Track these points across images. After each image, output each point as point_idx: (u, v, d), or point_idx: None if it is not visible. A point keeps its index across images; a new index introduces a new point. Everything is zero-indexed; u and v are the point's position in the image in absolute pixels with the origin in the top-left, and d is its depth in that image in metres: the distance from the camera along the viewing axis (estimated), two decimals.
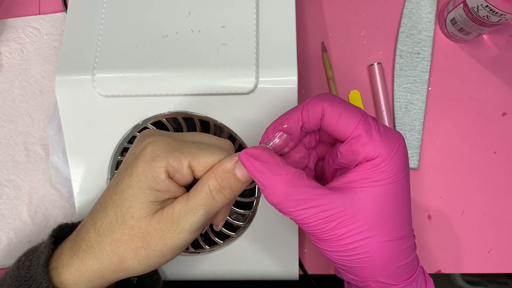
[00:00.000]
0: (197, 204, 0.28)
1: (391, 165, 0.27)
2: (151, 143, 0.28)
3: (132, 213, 0.28)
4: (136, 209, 0.28)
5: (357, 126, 0.27)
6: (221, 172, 0.28)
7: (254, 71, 0.36)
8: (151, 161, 0.28)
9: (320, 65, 0.48)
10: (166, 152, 0.28)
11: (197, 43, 0.38)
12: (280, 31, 0.38)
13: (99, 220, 0.29)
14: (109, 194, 0.30)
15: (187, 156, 0.28)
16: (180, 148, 0.28)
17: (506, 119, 0.47)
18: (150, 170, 0.28)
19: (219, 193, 0.28)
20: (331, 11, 0.49)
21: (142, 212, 0.28)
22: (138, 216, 0.28)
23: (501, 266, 0.45)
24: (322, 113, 0.28)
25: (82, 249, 0.30)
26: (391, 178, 0.27)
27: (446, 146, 0.47)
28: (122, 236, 0.29)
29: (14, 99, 0.48)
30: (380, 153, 0.27)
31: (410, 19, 0.48)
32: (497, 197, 0.46)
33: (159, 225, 0.28)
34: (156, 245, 0.28)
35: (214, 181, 0.28)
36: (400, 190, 0.28)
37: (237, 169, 0.28)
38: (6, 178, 0.47)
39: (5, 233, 0.46)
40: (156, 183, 0.28)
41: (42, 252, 0.31)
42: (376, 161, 0.27)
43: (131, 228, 0.28)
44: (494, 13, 0.41)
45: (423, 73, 0.48)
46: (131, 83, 0.37)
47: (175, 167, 0.28)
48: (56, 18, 0.50)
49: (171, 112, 0.38)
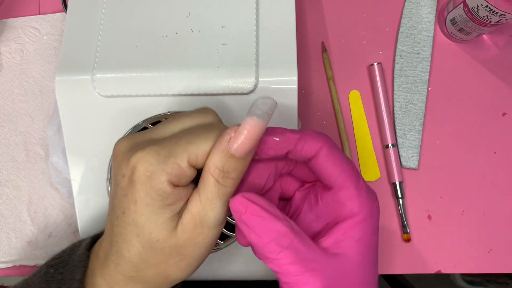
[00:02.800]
0: (211, 199, 0.26)
1: (370, 225, 0.27)
2: (139, 162, 0.26)
3: (156, 238, 0.26)
4: (158, 233, 0.26)
5: (349, 178, 0.27)
6: (218, 158, 0.26)
7: (254, 71, 0.36)
8: (150, 180, 0.25)
9: (320, 65, 0.48)
10: (160, 164, 0.26)
11: (197, 43, 0.38)
12: (280, 31, 0.38)
13: (126, 251, 0.27)
14: (122, 227, 0.27)
15: (183, 157, 0.26)
16: (171, 152, 0.26)
17: (506, 119, 0.47)
18: (153, 191, 0.26)
19: (225, 179, 0.26)
20: (331, 11, 0.49)
21: (165, 233, 0.26)
22: (163, 238, 0.26)
23: (501, 266, 0.45)
24: (317, 152, 0.27)
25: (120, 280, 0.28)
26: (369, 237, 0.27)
27: (446, 146, 0.47)
28: (158, 259, 0.27)
29: (14, 99, 0.48)
30: (362, 211, 0.27)
31: (410, 19, 0.48)
32: (497, 197, 0.46)
33: (186, 235, 0.27)
34: (193, 252, 0.27)
35: (215, 169, 0.26)
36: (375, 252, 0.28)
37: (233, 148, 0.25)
38: (6, 178, 0.47)
39: (4, 233, 0.46)
40: (165, 199, 0.26)
41: (76, 266, 0.30)
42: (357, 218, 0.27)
43: (162, 250, 0.27)
44: (494, 13, 0.41)
45: (423, 73, 0.48)
46: (131, 83, 0.37)
47: (177, 174, 0.26)
48: (56, 18, 0.50)
49: (171, 112, 0.38)
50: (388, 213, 0.46)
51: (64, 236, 0.46)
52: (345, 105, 0.48)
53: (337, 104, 0.47)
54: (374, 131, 0.47)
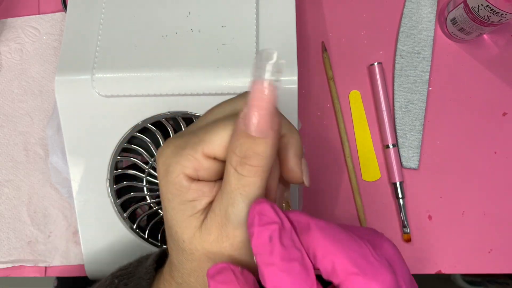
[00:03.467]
0: (230, 193, 0.22)
1: None
2: (159, 156, 0.24)
3: (182, 238, 0.24)
4: (181, 232, 0.24)
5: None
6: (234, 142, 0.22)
7: None
8: (166, 174, 0.24)
9: (320, 65, 0.48)
10: (175, 156, 0.23)
11: (197, 43, 0.38)
12: (280, 31, 0.38)
13: (170, 255, 0.27)
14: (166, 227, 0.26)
15: (197, 148, 0.23)
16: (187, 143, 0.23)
17: (506, 119, 0.47)
18: (170, 185, 0.23)
19: (244, 166, 0.22)
20: (331, 11, 0.49)
21: (189, 232, 0.24)
22: (187, 238, 0.24)
23: (501, 266, 0.45)
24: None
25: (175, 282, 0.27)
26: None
27: (446, 146, 0.47)
28: (191, 264, 0.25)
29: (13, 99, 0.48)
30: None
31: (410, 19, 0.48)
32: (498, 197, 0.46)
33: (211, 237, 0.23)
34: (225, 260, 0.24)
35: (233, 155, 0.22)
36: None
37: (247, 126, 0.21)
38: (6, 178, 0.47)
39: (4, 233, 0.46)
40: (184, 194, 0.23)
41: (141, 278, 0.29)
42: None
43: (191, 253, 0.24)
44: (495, 13, 0.41)
45: (424, 73, 0.47)
46: (131, 83, 0.37)
47: (192, 166, 0.23)
48: (55, 18, 0.50)
49: (170, 112, 0.38)
50: (388, 213, 0.46)
51: (64, 236, 0.46)
52: (345, 105, 0.47)
53: (337, 104, 0.47)
54: (374, 131, 0.47)
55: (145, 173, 0.39)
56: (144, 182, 0.40)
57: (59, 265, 0.46)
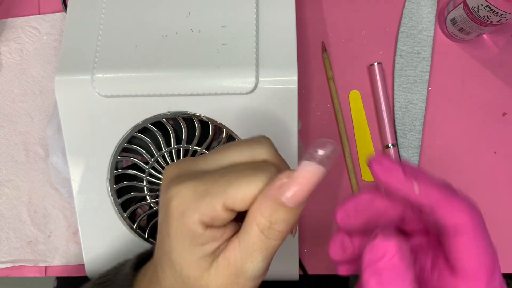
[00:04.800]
0: (251, 251, 0.24)
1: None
2: (175, 196, 0.24)
3: (187, 275, 0.25)
4: (188, 270, 0.25)
5: (484, 271, 0.24)
6: (265, 207, 0.23)
7: (254, 71, 0.36)
8: (182, 218, 0.24)
9: (320, 65, 0.48)
10: (194, 202, 0.24)
11: (197, 43, 0.38)
12: (280, 31, 0.38)
13: (162, 280, 0.27)
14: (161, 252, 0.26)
15: (219, 199, 0.23)
16: (209, 191, 0.24)
17: (506, 119, 0.47)
18: (184, 228, 0.24)
19: (271, 231, 0.23)
20: (331, 11, 0.49)
21: (197, 271, 0.24)
22: (194, 277, 0.25)
23: (501, 266, 0.45)
24: (461, 227, 0.24)
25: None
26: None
27: (446, 146, 0.47)
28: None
29: (13, 99, 0.48)
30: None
31: (410, 19, 0.48)
32: (497, 197, 0.46)
33: (220, 280, 0.24)
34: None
35: (262, 218, 0.23)
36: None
37: (284, 196, 0.23)
38: (6, 178, 0.47)
39: (4, 233, 0.46)
40: (196, 239, 0.24)
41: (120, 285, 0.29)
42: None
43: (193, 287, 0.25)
44: (495, 13, 0.41)
45: (423, 73, 0.47)
46: (131, 83, 0.37)
47: (210, 215, 0.24)
48: (55, 18, 0.50)
49: (170, 112, 0.38)
50: None
51: (64, 236, 0.46)
52: (345, 105, 0.48)
53: (337, 104, 0.47)
54: (374, 131, 0.47)
55: (145, 173, 0.39)
56: (144, 182, 0.40)
57: (59, 265, 0.46)
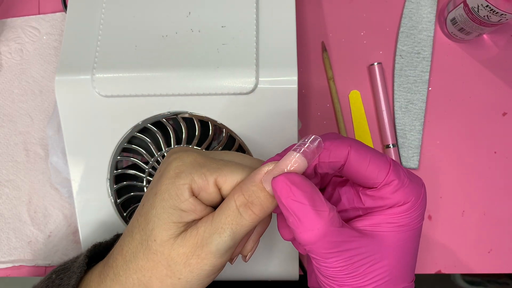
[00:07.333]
0: (223, 223, 0.25)
1: (417, 211, 0.27)
2: (176, 159, 0.27)
3: (154, 236, 0.26)
4: (158, 231, 0.26)
5: (389, 173, 0.26)
6: (248, 186, 0.25)
7: (254, 71, 0.36)
8: (175, 177, 0.26)
9: (320, 65, 0.48)
10: (191, 168, 0.26)
11: (197, 43, 0.38)
12: (280, 31, 0.38)
13: (125, 246, 0.28)
14: (136, 216, 0.28)
15: (213, 173, 0.26)
16: (206, 164, 0.26)
17: (506, 119, 0.47)
18: (173, 188, 0.26)
19: (246, 210, 0.25)
20: (331, 11, 0.49)
21: (165, 235, 0.26)
22: (160, 240, 0.26)
23: (501, 266, 0.45)
24: (346, 158, 0.26)
25: (109, 277, 0.28)
26: (415, 223, 0.27)
27: (446, 146, 0.47)
28: (146, 263, 0.26)
29: (13, 99, 0.48)
30: (410, 199, 0.26)
31: (410, 19, 0.48)
32: (497, 197, 0.46)
33: (182, 249, 0.26)
34: (181, 273, 0.26)
35: (241, 195, 0.25)
36: (418, 235, 0.27)
37: (266, 182, 0.25)
38: (6, 178, 0.47)
39: (4, 233, 0.46)
40: (180, 202, 0.26)
41: (74, 272, 0.30)
42: (404, 207, 0.26)
43: (154, 253, 0.26)
44: (495, 13, 0.41)
45: (423, 73, 0.47)
46: (131, 83, 0.37)
47: (200, 185, 0.26)
48: (55, 18, 0.50)
49: (170, 112, 0.38)
50: None
51: (64, 236, 0.46)
52: (345, 105, 0.48)
53: (337, 104, 0.47)
54: (374, 131, 0.47)
55: (145, 173, 0.39)
56: (144, 182, 0.40)
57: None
